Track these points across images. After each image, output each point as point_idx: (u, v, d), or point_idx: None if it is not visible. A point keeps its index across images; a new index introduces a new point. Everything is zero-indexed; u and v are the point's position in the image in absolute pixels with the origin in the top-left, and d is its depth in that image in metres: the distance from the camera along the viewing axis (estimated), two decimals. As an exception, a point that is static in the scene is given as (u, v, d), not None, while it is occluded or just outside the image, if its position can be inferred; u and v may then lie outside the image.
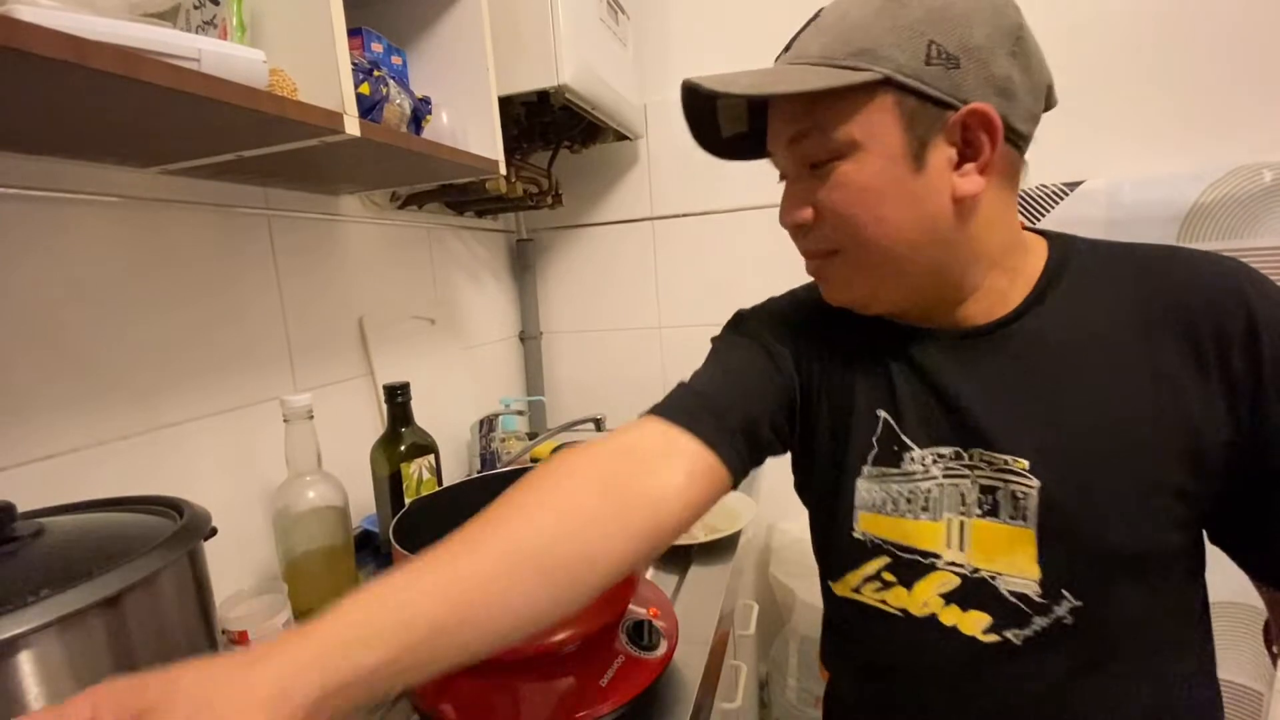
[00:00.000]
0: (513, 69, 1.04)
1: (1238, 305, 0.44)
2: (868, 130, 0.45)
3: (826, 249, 0.50)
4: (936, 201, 0.46)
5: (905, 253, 0.47)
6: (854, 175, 0.46)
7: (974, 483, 0.49)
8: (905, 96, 0.44)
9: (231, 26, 0.59)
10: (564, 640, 0.58)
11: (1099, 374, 0.46)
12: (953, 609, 0.49)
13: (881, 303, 0.52)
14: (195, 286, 0.80)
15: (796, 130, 0.48)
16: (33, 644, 0.35)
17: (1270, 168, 0.97)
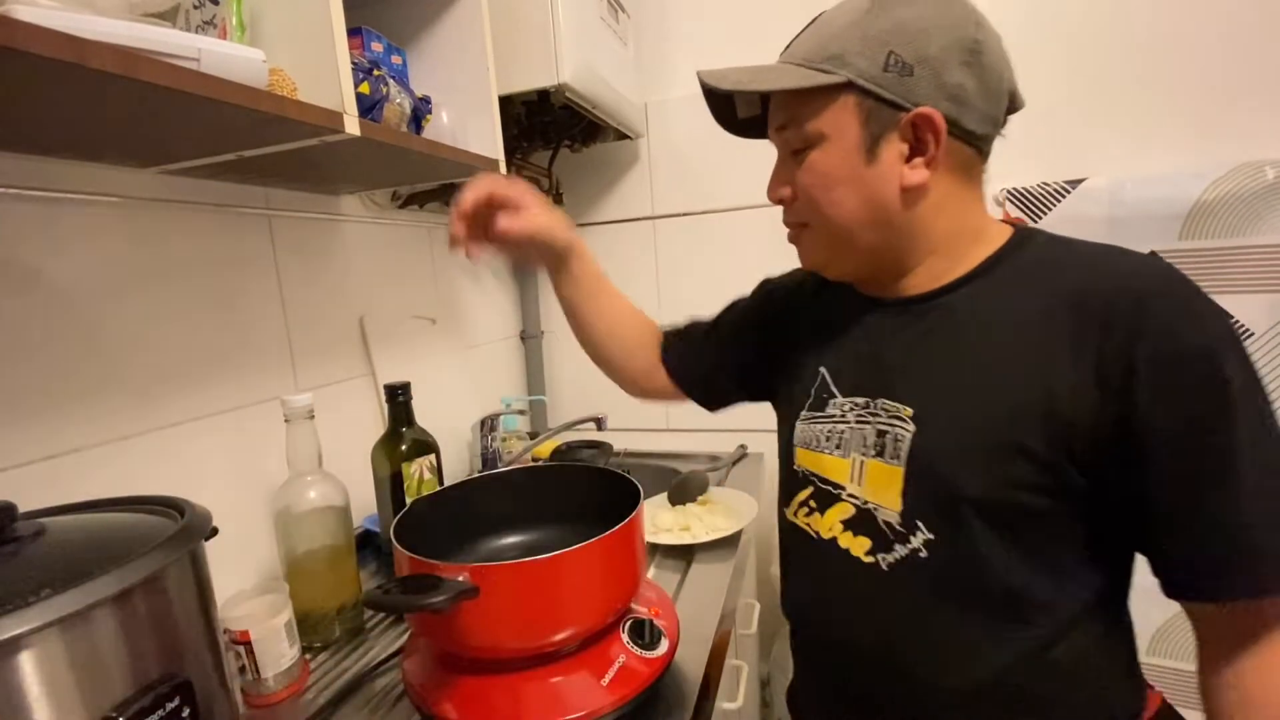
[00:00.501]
0: (513, 68, 1.04)
1: (1133, 307, 0.46)
2: (832, 124, 0.53)
3: (799, 222, 0.60)
4: (885, 189, 0.53)
5: (855, 230, 0.56)
6: (819, 162, 0.55)
7: (874, 428, 0.57)
8: (864, 98, 0.51)
9: (231, 26, 0.59)
10: (565, 639, 0.58)
11: (990, 345, 0.52)
12: (848, 534, 0.58)
13: (837, 269, 0.61)
14: (196, 286, 0.80)
15: (781, 120, 0.57)
16: (34, 644, 0.35)
17: (1273, 165, 0.97)
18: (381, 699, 0.67)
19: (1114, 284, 0.48)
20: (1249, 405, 0.45)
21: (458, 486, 0.76)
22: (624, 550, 0.62)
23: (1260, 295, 1.00)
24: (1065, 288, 0.50)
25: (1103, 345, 0.47)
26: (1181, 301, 0.47)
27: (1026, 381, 0.49)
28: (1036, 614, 0.51)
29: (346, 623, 0.78)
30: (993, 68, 0.52)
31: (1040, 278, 0.52)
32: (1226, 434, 0.45)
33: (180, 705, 0.41)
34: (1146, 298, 0.46)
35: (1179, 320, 0.46)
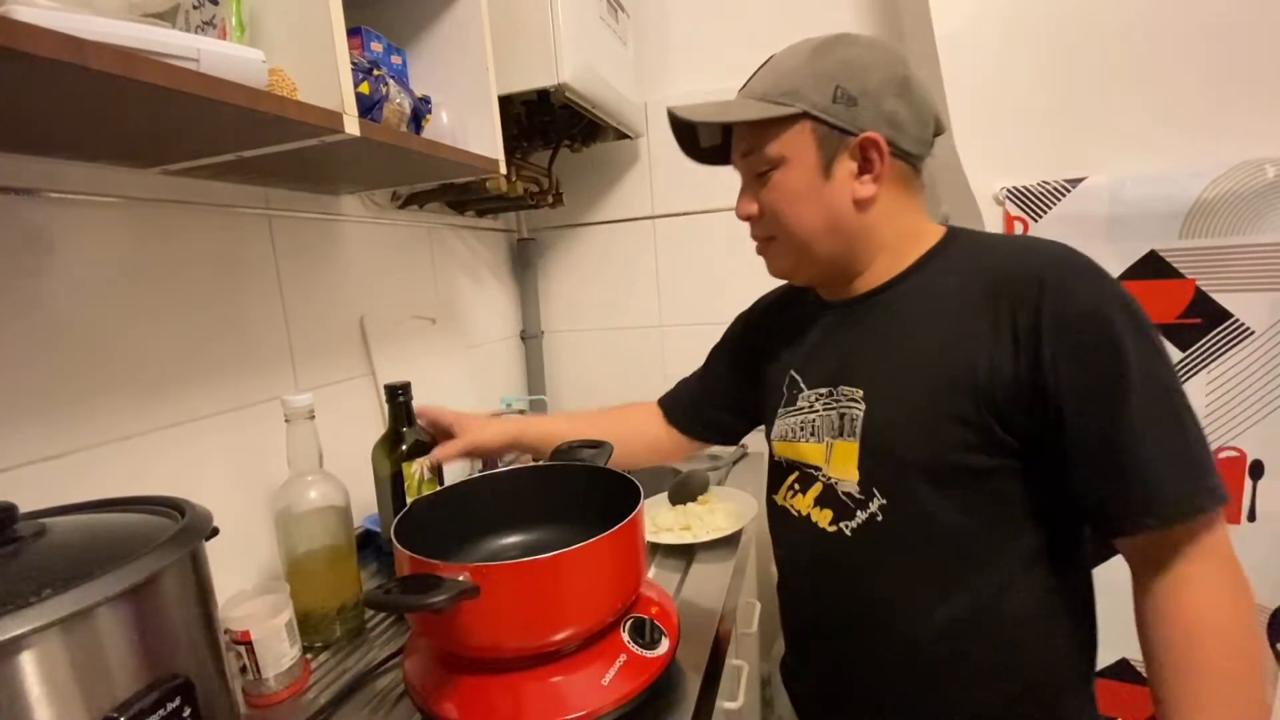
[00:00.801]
0: (513, 68, 1.03)
1: (1033, 278, 0.55)
2: (792, 148, 0.62)
3: (767, 236, 0.68)
4: (840, 203, 0.62)
5: (817, 238, 0.64)
6: (783, 181, 0.63)
7: (837, 412, 0.64)
8: (818, 125, 0.60)
9: (230, 26, 0.59)
10: (566, 639, 0.58)
11: (926, 328, 0.60)
12: (816, 509, 0.66)
13: (803, 274, 0.69)
14: (196, 287, 0.80)
15: (745, 147, 0.65)
16: (35, 644, 0.35)
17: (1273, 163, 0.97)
18: (382, 699, 0.67)
19: (1020, 267, 0.56)
20: (1140, 355, 0.51)
21: (458, 486, 0.76)
22: (624, 550, 0.62)
23: (1261, 294, 1.00)
24: (983, 275, 0.58)
25: (1014, 317, 0.54)
26: (1073, 274, 0.54)
27: (956, 356, 0.57)
28: (982, 568, 0.57)
29: (347, 623, 0.78)
30: (920, 98, 0.62)
31: (964, 268, 0.60)
32: (1121, 381, 0.51)
33: (181, 705, 0.41)
34: (1045, 274, 0.54)
35: (1072, 289, 0.53)
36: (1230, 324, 1.02)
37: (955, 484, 0.57)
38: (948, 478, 0.57)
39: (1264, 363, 1.00)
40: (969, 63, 1.11)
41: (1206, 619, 0.50)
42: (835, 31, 0.64)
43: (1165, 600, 0.52)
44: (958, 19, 1.11)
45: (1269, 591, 1.02)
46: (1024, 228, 1.11)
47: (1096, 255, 1.05)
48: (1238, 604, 0.51)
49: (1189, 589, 0.51)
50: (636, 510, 0.63)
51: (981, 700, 0.59)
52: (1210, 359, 1.03)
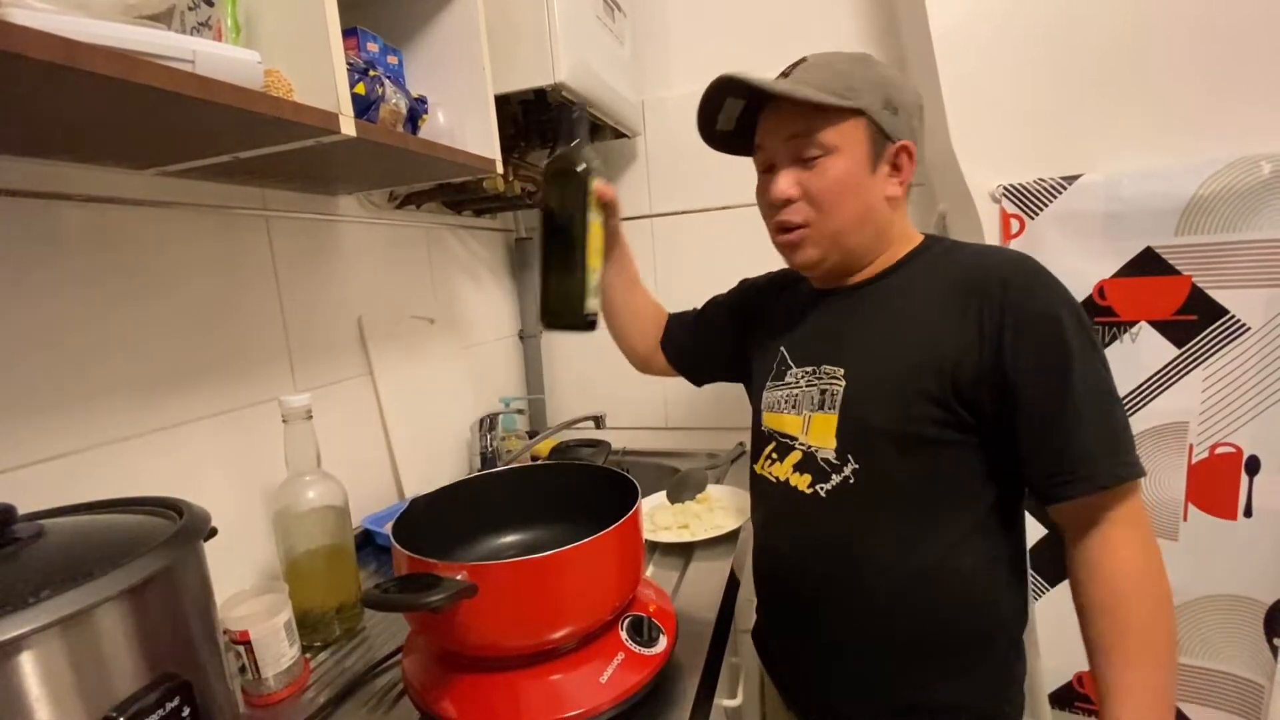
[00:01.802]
0: (509, 67, 1.03)
1: (998, 280, 0.63)
2: (846, 140, 0.67)
3: (800, 222, 0.70)
4: (876, 198, 0.69)
5: (851, 229, 0.69)
6: (835, 169, 0.67)
7: (818, 388, 0.71)
8: (870, 125, 0.67)
9: (226, 28, 0.59)
10: (564, 637, 0.58)
11: (904, 319, 0.68)
12: (795, 474, 0.72)
13: (825, 265, 0.72)
14: (193, 288, 0.80)
15: (796, 130, 0.68)
16: (34, 645, 0.35)
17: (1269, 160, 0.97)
18: (381, 698, 0.67)
19: (987, 270, 0.65)
20: (1081, 350, 0.60)
21: (457, 485, 0.76)
22: (622, 548, 0.62)
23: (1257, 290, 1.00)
24: (956, 275, 0.66)
25: (980, 312, 0.62)
26: (1031, 279, 0.63)
27: (928, 343, 0.65)
28: (938, 527, 0.65)
29: (346, 622, 0.78)
30: (923, 124, 0.72)
31: (940, 268, 0.69)
32: (1065, 369, 0.60)
33: (180, 705, 0.41)
34: (1009, 276, 0.63)
35: (1031, 290, 0.62)
36: (1226, 320, 1.02)
37: (918, 452, 0.65)
38: (912, 446, 0.64)
39: (1260, 359, 1.00)
40: (965, 60, 1.11)
41: (1128, 574, 0.59)
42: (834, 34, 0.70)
43: (1094, 559, 0.61)
44: (953, 16, 1.10)
45: (1268, 586, 1.02)
46: (1020, 225, 1.11)
47: (1093, 252, 1.07)
48: (1149, 558, 0.60)
49: (1112, 550, 0.60)
50: (634, 509, 0.63)
51: (932, 645, 0.66)
52: (1206, 355, 1.03)
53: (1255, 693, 1.05)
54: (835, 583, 0.69)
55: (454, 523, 0.73)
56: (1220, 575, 1.05)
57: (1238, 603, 1.04)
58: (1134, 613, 0.58)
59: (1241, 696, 1.06)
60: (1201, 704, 1.09)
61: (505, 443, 1.37)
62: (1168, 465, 1.06)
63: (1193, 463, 1.04)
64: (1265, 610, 1.03)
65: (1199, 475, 1.04)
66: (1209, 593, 1.06)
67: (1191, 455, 1.04)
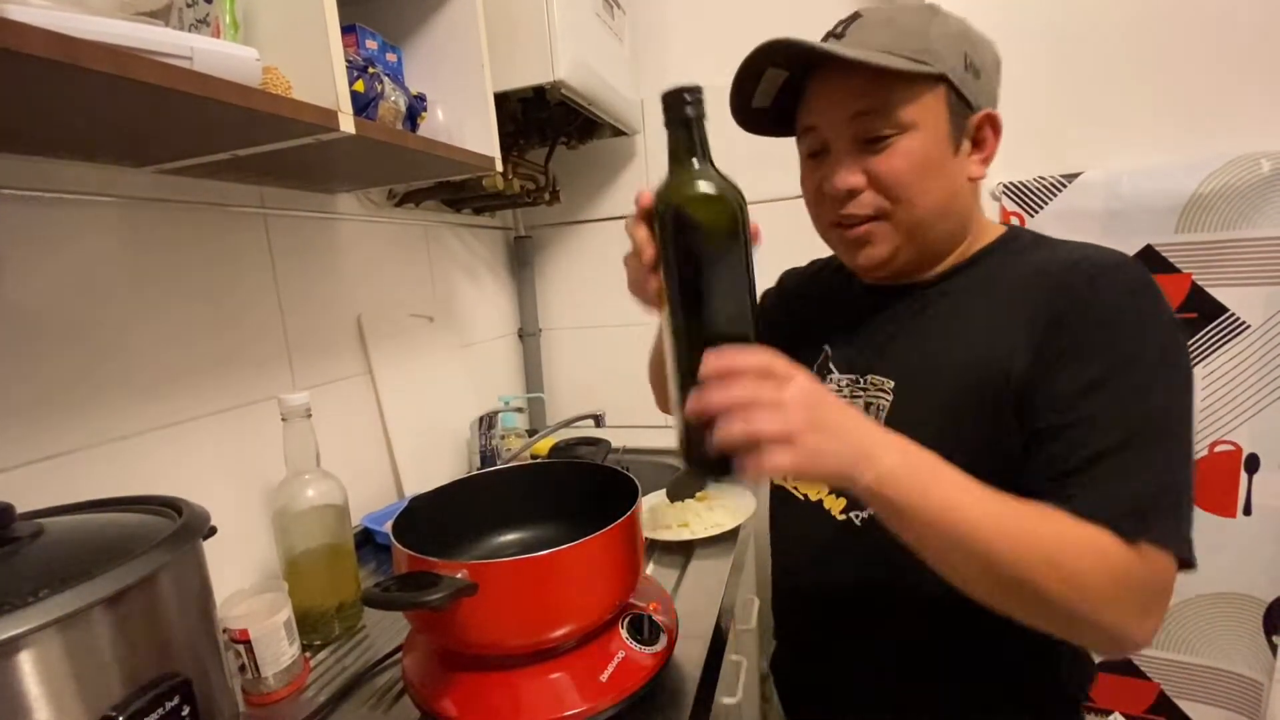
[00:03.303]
0: (508, 65, 1.03)
1: (1065, 288, 0.53)
2: (924, 114, 0.55)
3: (871, 214, 0.58)
4: (960, 180, 0.58)
5: (936, 218, 0.58)
6: (913, 149, 0.55)
7: (862, 401, 0.62)
8: (951, 93, 0.55)
9: (224, 24, 0.59)
10: (564, 636, 0.58)
11: (965, 330, 0.57)
12: (830, 496, 0.64)
13: (901, 260, 0.61)
14: (193, 286, 0.80)
15: (862, 106, 0.56)
16: (33, 644, 0.35)
17: (1268, 157, 0.97)
18: (382, 696, 0.67)
19: (1061, 269, 0.54)
20: (1158, 370, 0.49)
21: (457, 484, 0.76)
22: (622, 546, 0.62)
23: (1257, 288, 1.00)
24: (1031, 281, 0.55)
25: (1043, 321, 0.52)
26: (1115, 284, 0.51)
27: (988, 363, 0.54)
28: None
29: (346, 621, 0.78)
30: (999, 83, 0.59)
31: (1011, 272, 0.58)
32: (1136, 400, 0.48)
33: (180, 704, 0.41)
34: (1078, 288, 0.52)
35: (1108, 302, 0.51)
36: (1226, 318, 1.02)
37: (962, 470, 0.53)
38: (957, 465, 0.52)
39: (1260, 356, 1.01)
40: (965, 58, 1.11)
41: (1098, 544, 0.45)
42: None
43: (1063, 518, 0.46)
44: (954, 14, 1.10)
45: (1266, 584, 1.03)
46: (1020, 223, 1.11)
47: (1093, 250, 1.06)
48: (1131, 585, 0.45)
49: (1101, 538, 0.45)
50: (634, 507, 0.63)
51: (979, 690, 0.59)
52: (1206, 353, 1.03)
53: (1255, 690, 1.05)
54: (872, 616, 0.61)
55: (454, 521, 0.73)
56: (1219, 573, 1.05)
57: (1237, 600, 1.05)
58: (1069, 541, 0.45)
59: (1241, 694, 1.06)
60: (1201, 701, 1.09)
61: (505, 441, 1.37)
62: (1167, 463, 1.06)
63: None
64: (1264, 608, 1.03)
65: (1198, 473, 1.04)
66: (1208, 591, 1.06)
67: (1191, 453, 1.05)
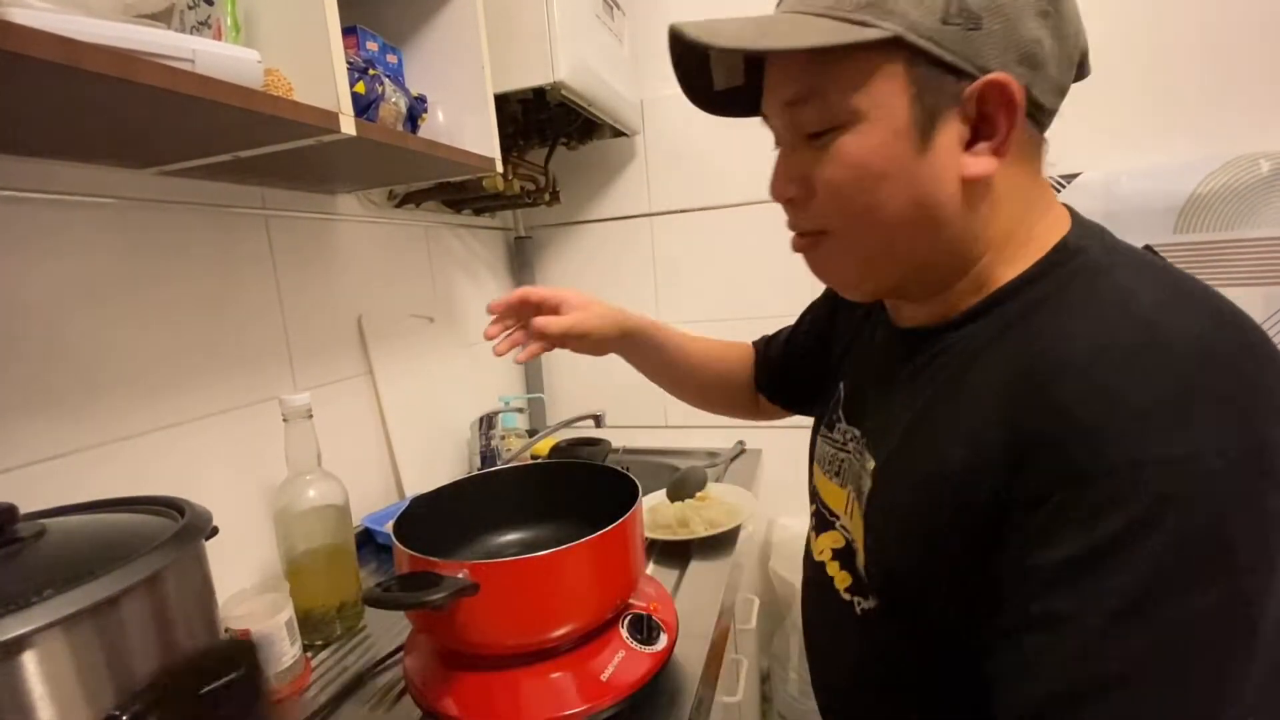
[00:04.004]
0: (508, 66, 1.03)
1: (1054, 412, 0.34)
2: (870, 98, 0.39)
3: (815, 228, 0.45)
4: (941, 185, 0.40)
5: (898, 238, 0.42)
6: (855, 150, 0.41)
7: (856, 470, 0.52)
8: (916, 60, 0.38)
9: (226, 26, 0.59)
10: (564, 635, 0.58)
11: (956, 404, 0.41)
12: (835, 564, 0.54)
13: (869, 287, 0.48)
14: (194, 287, 0.80)
15: (794, 92, 0.42)
16: (36, 644, 0.35)
17: (1268, 158, 0.97)
18: (383, 696, 0.67)
19: (1071, 351, 0.35)
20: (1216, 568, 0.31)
21: (457, 484, 0.76)
22: (622, 546, 0.62)
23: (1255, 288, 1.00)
24: (1028, 359, 0.37)
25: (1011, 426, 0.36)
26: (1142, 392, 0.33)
27: (967, 467, 0.38)
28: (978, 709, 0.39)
29: (347, 621, 0.78)
30: (1071, 18, 0.39)
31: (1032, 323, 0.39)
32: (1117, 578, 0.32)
33: (182, 703, 0.41)
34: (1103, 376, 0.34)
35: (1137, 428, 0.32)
36: (1225, 318, 1.02)
37: (955, 593, 0.41)
38: (943, 587, 0.41)
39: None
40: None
41: None
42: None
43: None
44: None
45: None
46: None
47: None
48: None
49: None
50: (634, 507, 0.63)
51: None
52: (1205, 353, 1.03)
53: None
54: (893, 707, 0.49)
55: (454, 521, 0.73)
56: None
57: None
58: None
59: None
60: None
61: (505, 441, 1.37)
62: (1166, 463, 1.06)
63: (1191, 460, 1.05)
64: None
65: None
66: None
67: (1190, 453, 1.05)
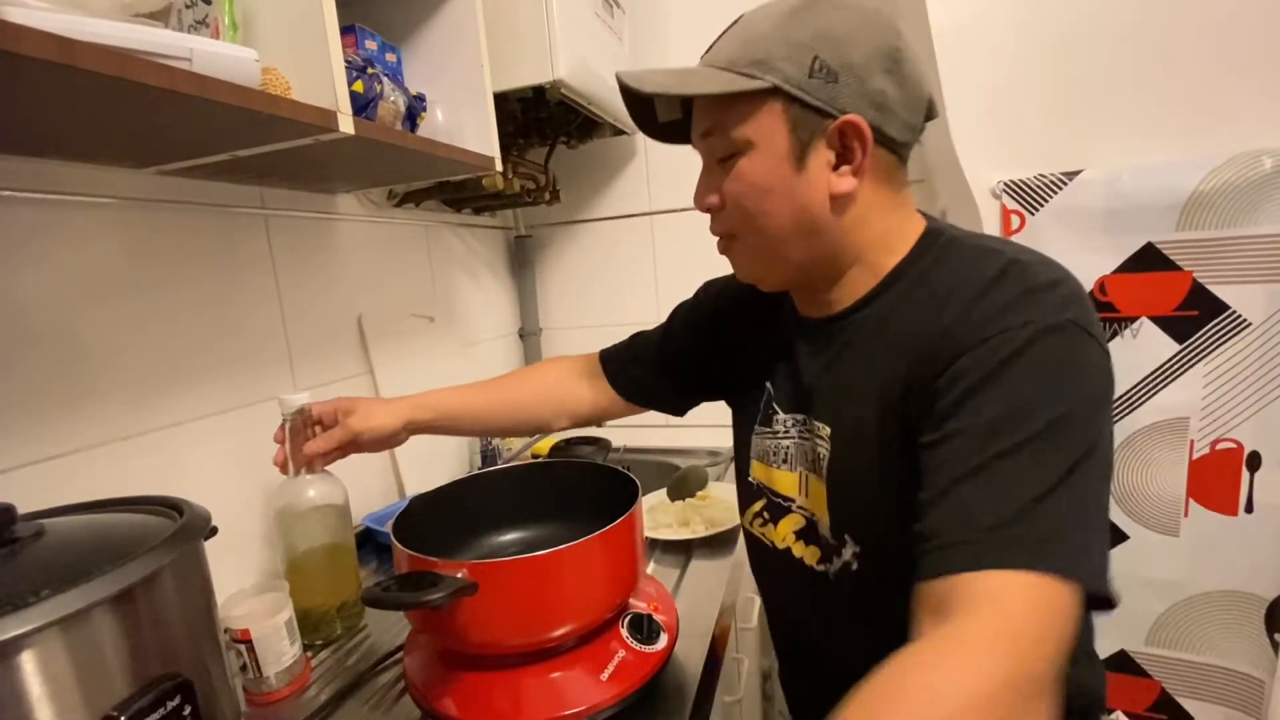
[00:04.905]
0: (508, 65, 1.03)
1: (959, 323, 0.47)
2: (759, 131, 0.52)
3: (727, 232, 0.58)
4: (814, 198, 0.53)
5: (785, 240, 0.55)
6: (749, 171, 0.53)
7: (811, 444, 0.59)
8: (791, 104, 0.50)
9: (223, 25, 0.59)
10: (564, 635, 0.58)
11: (880, 365, 0.53)
12: (800, 544, 0.62)
13: (773, 280, 0.60)
14: (193, 287, 0.80)
15: (705, 127, 0.55)
16: (34, 644, 0.35)
17: (1270, 154, 0.97)
18: (383, 696, 0.67)
19: (964, 313, 0.47)
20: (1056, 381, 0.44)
21: (457, 484, 0.76)
22: (622, 546, 0.62)
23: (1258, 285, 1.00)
24: (928, 306, 0.50)
25: (934, 370, 0.47)
26: (1014, 309, 0.45)
27: (891, 408, 0.50)
28: None
29: (347, 620, 0.78)
30: (912, 76, 0.52)
31: (920, 294, 0.52)
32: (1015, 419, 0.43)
33: (181, 704, 0.41)
34: (961, 336, 0.46)
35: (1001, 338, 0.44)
36: (1227, 316, 1.01)
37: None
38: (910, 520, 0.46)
39: (1261, 354, 1.00)
40: (966, 55, 1.10)
41: (962, 687, 0.34)
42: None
43: (899, 656, 0.38)
44: (953, 11, 1.10)
45: (1268, 581, 1.02)
46: (1021, 221, 1.11)
47: (1094, 248, 1.06)
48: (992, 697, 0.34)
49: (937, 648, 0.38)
50: (634, 506, 0.63)
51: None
52: (1207, 351, 1.03)
53: (1256, 688, 1.05)
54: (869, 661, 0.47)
55: (454, 521, 0.73)
56: (1221, 571, 1.05)
57: (1239, 598, 1.04)
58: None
59: (1242, 692, 1.06)
60: (1202, 700, 1.09)
61: (505, 441, 1.37)
62: (1169, 461, 1.06)
63: (1194, 458, 1.04)
64: (1266, 606, 1.03)
65: (1200, 471, 1.04)
66: (1210, 589, 1.06)
67: (1192, 451, 1.04)
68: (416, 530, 0.62)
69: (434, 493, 0.73)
